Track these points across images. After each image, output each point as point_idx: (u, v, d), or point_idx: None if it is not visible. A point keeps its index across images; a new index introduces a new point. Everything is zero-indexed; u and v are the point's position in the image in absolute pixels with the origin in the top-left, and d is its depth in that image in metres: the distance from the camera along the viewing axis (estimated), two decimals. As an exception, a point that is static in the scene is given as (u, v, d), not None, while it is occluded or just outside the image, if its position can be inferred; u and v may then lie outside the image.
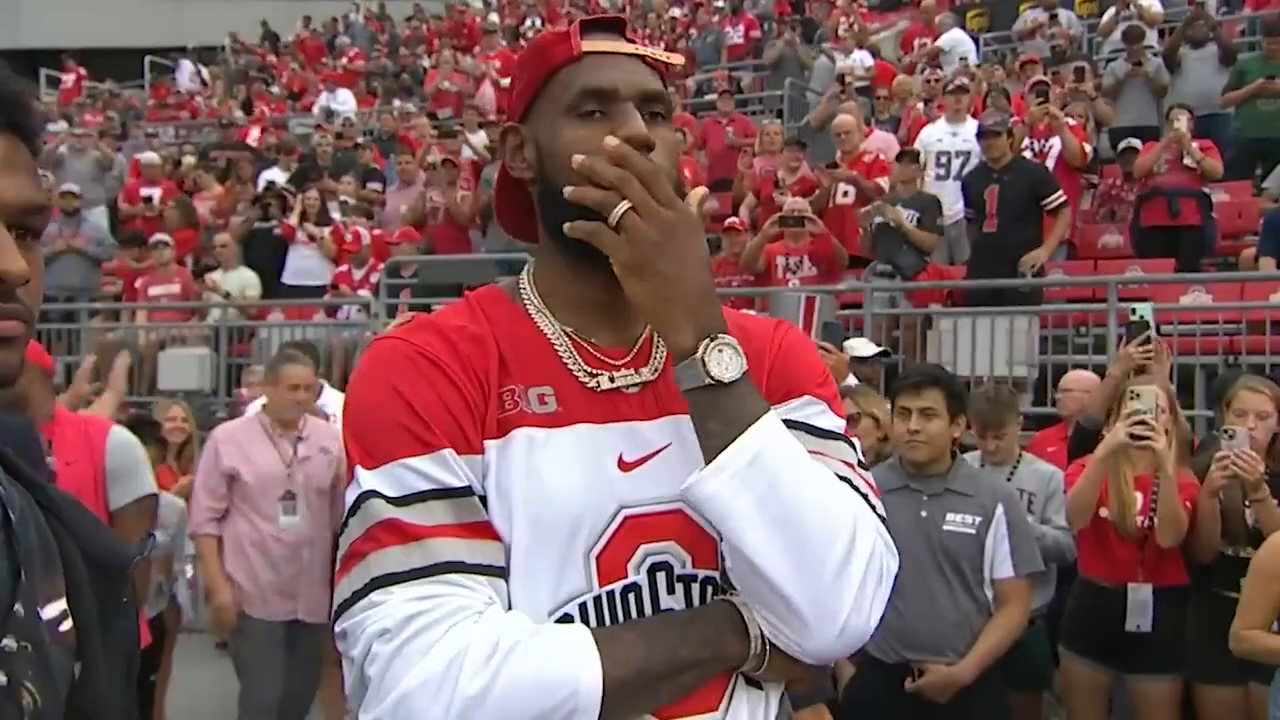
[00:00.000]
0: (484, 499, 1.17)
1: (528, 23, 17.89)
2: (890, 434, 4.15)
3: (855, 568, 1.15)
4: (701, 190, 1.28)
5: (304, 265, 9.81)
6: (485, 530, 1.15)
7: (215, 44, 20.64)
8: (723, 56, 13.97)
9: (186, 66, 19.50)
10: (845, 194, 8.46)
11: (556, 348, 1.24)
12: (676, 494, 1.18)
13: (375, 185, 11.27)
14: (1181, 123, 7.73)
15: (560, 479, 1.17)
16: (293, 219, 9.83)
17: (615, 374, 1.25)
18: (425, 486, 1.14)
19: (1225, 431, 3.60)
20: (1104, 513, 3.80)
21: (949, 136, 8.53)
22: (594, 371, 1.24)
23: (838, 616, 1.14)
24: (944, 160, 8.49)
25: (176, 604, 4.90)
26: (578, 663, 1.08)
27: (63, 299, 9.78)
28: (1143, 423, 3.55)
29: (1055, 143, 8.06)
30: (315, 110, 14.69)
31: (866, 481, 1.27)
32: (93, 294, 10.22)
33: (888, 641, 3.39)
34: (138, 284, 9.83)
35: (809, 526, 1.13)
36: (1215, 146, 7.93)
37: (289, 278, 9.82)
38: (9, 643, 0.94)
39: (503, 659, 1.07)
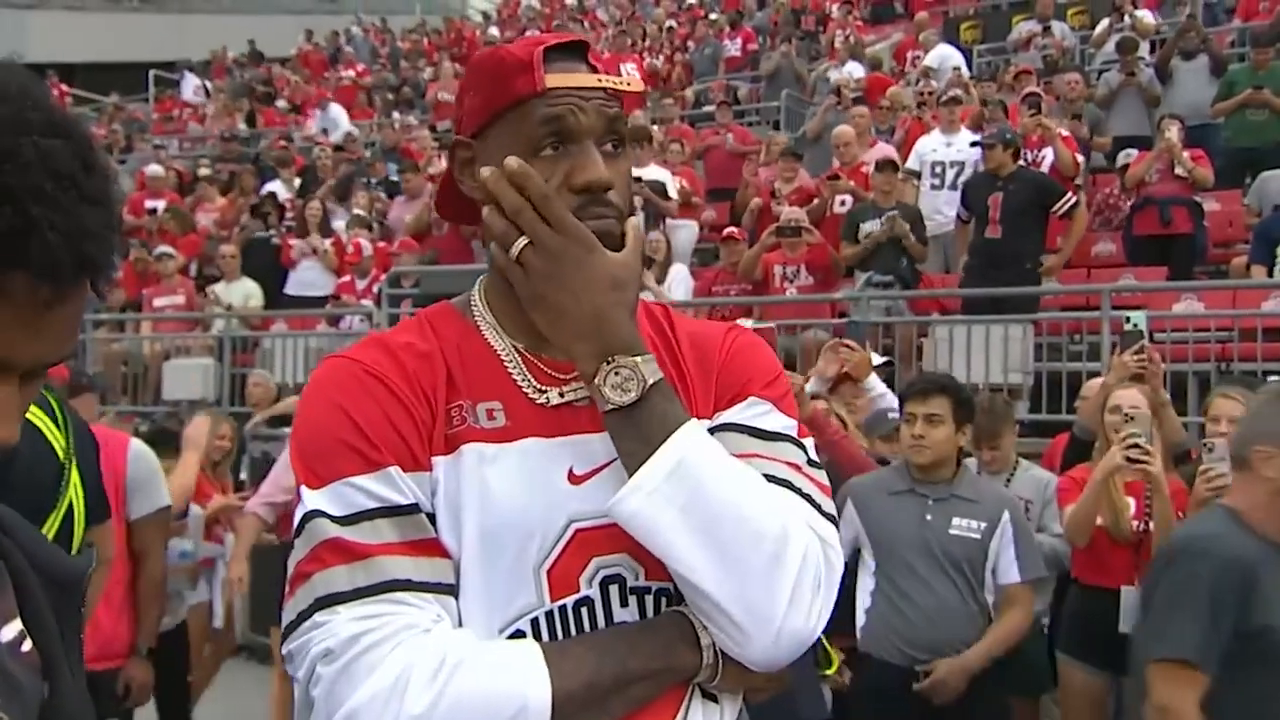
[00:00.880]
0: (432, 516, 1.16)
1: (527, 34, 18.01)
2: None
3: (787, 570, 1.13)
4: (634, 221, 1.24)
5: (307, 276, 9.90)
6: (433, 548, 1.14)
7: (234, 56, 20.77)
8: (720, 68, 14.08)
9: (190, 80, 19.62)
10: (843, 204, 8.55)
11: (506, 363, 1.24)
12: None
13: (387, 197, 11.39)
14: (1173, 133, 7.81)
15: (509, 494, 1.16)
16: (293, 238, 9.95)
17: (564, 389, 1.24)
18: (371, 505, 1.12)
19: (1205, 445, 3.67)
20: (1098, 520, 3.84)
21: (943, 147, 8.60)
22: (543, 388, 1.23)
23: (773, 621, 1.12)
24: (939, 170, 8.57)
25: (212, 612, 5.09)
26: (525, 677, 1.07)
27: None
28: (1138, 445, 3.58)
29: (1048, 153, 8.14)
30: (311, 127, 14.75)
31: (815, 481, 1.25)
32: (97, 305, 10.31)
33: (893, 643, 3.46)
34: (143, 295, 9.93)
35: (733, 532, 1.12)
36: (1206, 155, 8.00)
37: (292, 288, 9.91)
38: None
39: (449, 675, 1.05)
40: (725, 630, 1.14)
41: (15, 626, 0.96)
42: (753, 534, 1.12)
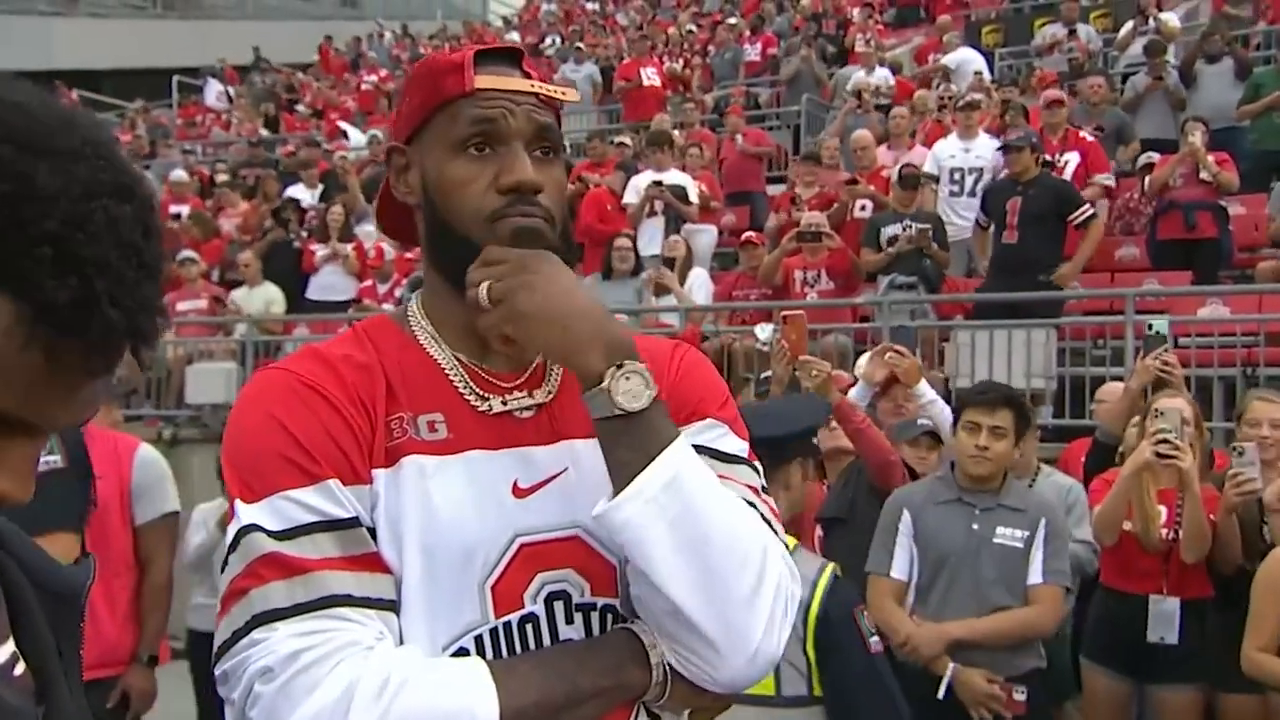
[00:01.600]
0: (373, 530, 1.13)
1: (547, 40, 18.08)
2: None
3: (765, 595, 1.12)
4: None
5: (328, 281, 9.95)
6: (374, 562, 1.11)
7: (243, 63, 20.92)
8: (740, 73, 14.07)
9: (213, 86, 19.77)
10: (863, 208, 8.52)
11: (447, 373, 1.22)
12: (572, 520, 1.17)
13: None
14: (1196, 137, 7.75)
15: (452, 508, 1.14)
16: (314, 242, 9.99)
17: (507, 397, 1.22)
18: (310, 519, 1.10)
19: (1235, 449, 3.64)
20: (1127, 525, 3.81)
21: (961, 153, 8.54)
22: (485, 395, 1.21)
23: (750, 644, 1.11)
24: (957, 176, 8.52)
25: None
26: (472, 696, 1.05)
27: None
28: (1167, 440, 3.56)
29: (1072, 157, 8.08)
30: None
31: (770, 507, 1.25)
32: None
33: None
34: (166, 299, 9.99)
35: (721, 554, 1.11)
36: (1232, 159, 7.94)
37: (314, 293, 9.97)
38: None
39: (394, 694, 1.03)
40: (696, 650, 1.12)
41: (8, 649, 0.92)
42: (739, 560, 1.11)
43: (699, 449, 1.20)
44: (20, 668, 0.91)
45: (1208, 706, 3.78)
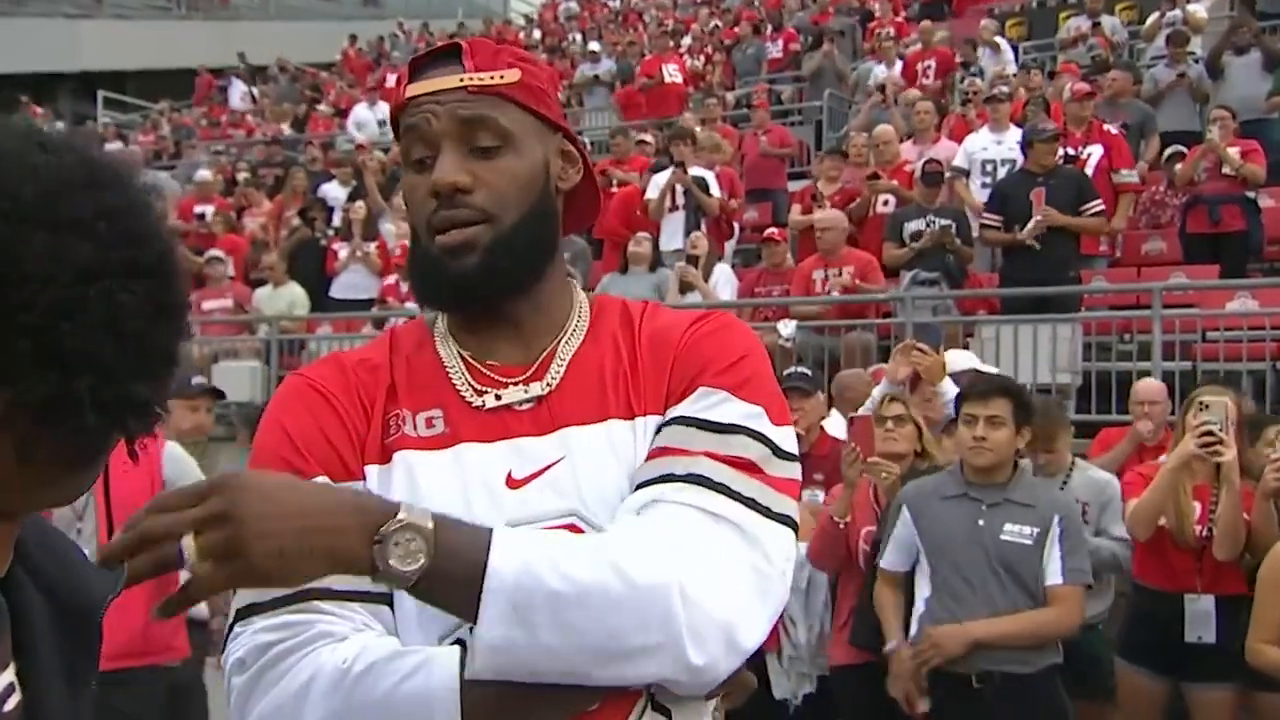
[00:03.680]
0: None
1: (569, 38, 18.09)
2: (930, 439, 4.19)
3: (672, 631, 1.04)
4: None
5: (352, 279, 9.99)
6: None
7: (265, 63, 21.04)
8: (763, 69, 14.03)
9: (238, 86, 19.89)
10: (885, 203, 8.48)
11: (449, 370, 1.23)
12: (568, 508, 1.15)
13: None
14: (1215, 132, 7.68)
15: (440, 502, 1.11)
16: (338, 241, 10.04)
17: (502, 391, 1.21)
18: None
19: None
20: (1161, 521, 3.78)
21: (993, 145, 8.51)
22: (481, 389, 1.21)
23: (701, 672, 1.06)
24: (989, 169, 8.48)
25: None
26: (434, 680, 1.02)
27: (119, 314, 10.07)
28: (1211, 433, 3.53)
29: (1095, 150, 8.00)
30: (350, 129, 14.81)
31: (770, 480, 1.16)
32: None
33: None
34: (192, 298, 10.08)
35: (607, 623, 1.02)
36: (1261, 150, 7.84)
37: (337, 291, 10.01)
38: None
39: (353, 682, 1.02)
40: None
41: (5, 678, 0.87)
42: (623, 613, 1.03)
43: (686, 420, 1.17)
44: (14, 700, 0.86)
45: (1242, 704, 3.74)
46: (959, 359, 5.12)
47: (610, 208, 8.83)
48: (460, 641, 1.10)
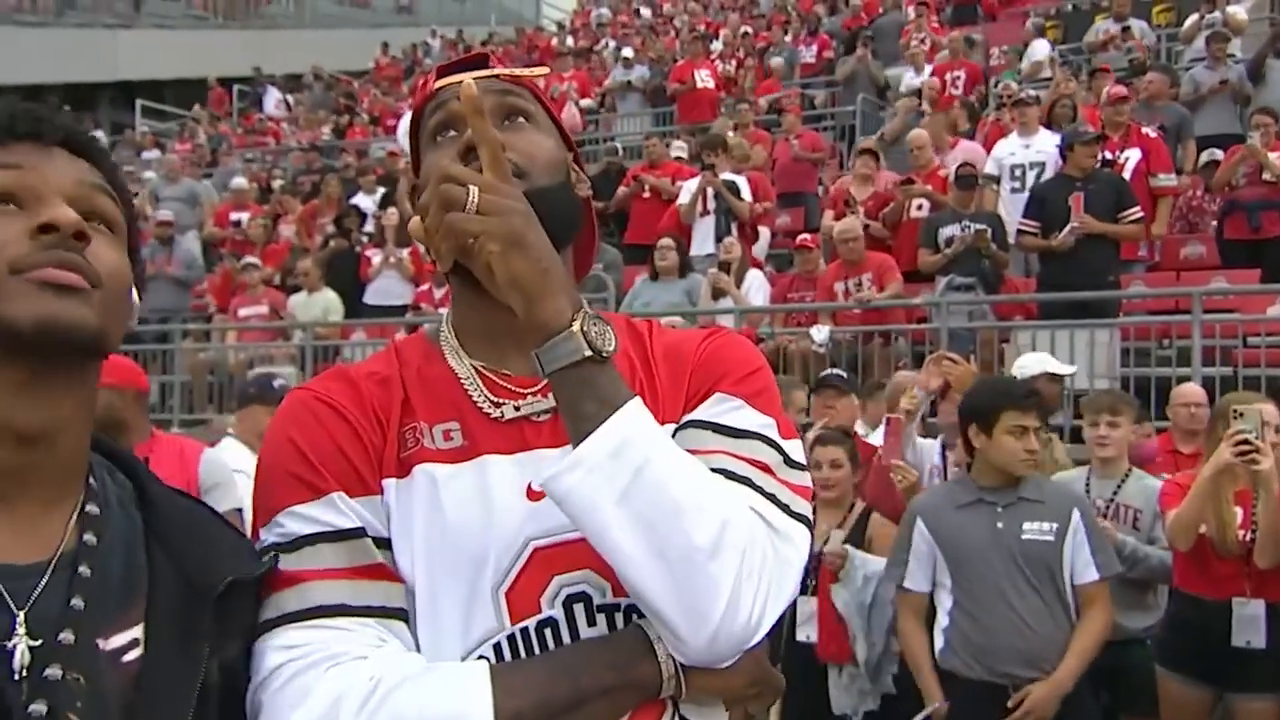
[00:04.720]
0: (389, 541, 1.14)
1: (601, 44, 18.14)
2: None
3: (722, 567, 1.05)
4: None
5: (385, 286, 10.05)
6: (377, 571, 1.12)
7: (299, 71, 21.26)
8: (796, 74, 14.00)
9: (272, 94, 20.10)
10: (919, 208, 8.43)
11: (464, 382, 1.21)
12: None
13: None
14: (1255, 138, 7.58)
15: (464, 514, 1.13)
16: (371, 248, 10.12)
17: (520, 402, 1.20)
18: (310, 530, 1.11)
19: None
20: (1202, 528, 3.71)
21: (1022, 149, 8.43)
22: (499, 401, 1.20)
23: (707, 622, 1.05)
24: (1018, 173, 8.40)
25: None
26: (467, 698, 1.02)
27: (156, 320, 10.20)
28: (1247, 441, 3.48)
29: (1133, 154, 7.91)
30: (399, 135, 14.96)
31: (788, 484, 1.18)
32: (184, 315, 10.62)
33: (975, 659, 3.39)
34: (229, 305, 10.20)
35: (670, 523, 1.04)
36: (1303, 154, 7.73)
37: (371, 298, 10.07)
38: (53, 672, 0.93)
39: (382, 699, 1.01)
40: (662, 629, 1.08)
41: (129, 634, 0.99)
42: (689, 529, 1.04)
43: (702, 424, 1.18)
44: (133, 654, 0.99)
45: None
46: (1032, 362, 5.07)
47: (636, 214, 8.82)
48: (482, 659, 1.10)
